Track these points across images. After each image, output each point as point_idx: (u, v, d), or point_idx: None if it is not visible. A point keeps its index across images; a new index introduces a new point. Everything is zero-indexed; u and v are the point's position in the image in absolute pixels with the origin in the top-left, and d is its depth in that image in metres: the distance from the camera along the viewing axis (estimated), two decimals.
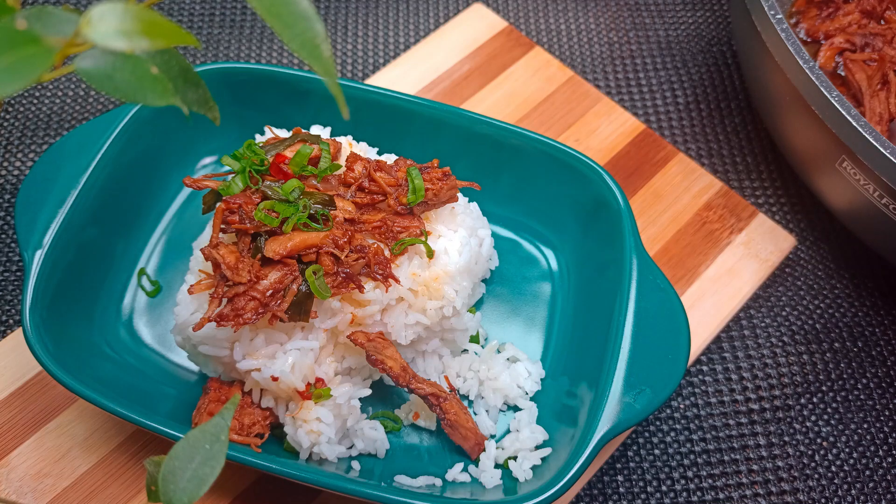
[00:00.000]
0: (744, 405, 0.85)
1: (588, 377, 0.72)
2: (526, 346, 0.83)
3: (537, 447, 0.74)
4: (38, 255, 0.71)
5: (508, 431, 0.77)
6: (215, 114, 0.44)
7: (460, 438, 0.73)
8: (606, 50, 1.12)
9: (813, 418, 0.85)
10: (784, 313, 0.91)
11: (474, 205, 0.82)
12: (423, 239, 0.73)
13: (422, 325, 0.74)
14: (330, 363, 0.72)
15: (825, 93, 0.75)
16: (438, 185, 0.73)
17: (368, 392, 0.75)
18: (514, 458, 0.74)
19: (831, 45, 0.95)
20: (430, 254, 0.73)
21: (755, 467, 0.81)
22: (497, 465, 0.74)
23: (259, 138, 0.80)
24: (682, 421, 0.84)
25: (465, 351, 0.81)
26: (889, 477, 0.82)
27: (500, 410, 0.78)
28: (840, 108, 0.74)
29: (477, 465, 0.74)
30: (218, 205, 0.69)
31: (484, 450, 0.74)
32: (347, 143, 0.79)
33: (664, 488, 0.80)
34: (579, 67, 1.10)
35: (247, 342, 0.69)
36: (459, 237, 0.76)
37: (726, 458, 0.82)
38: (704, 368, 0.87)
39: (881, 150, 0.72)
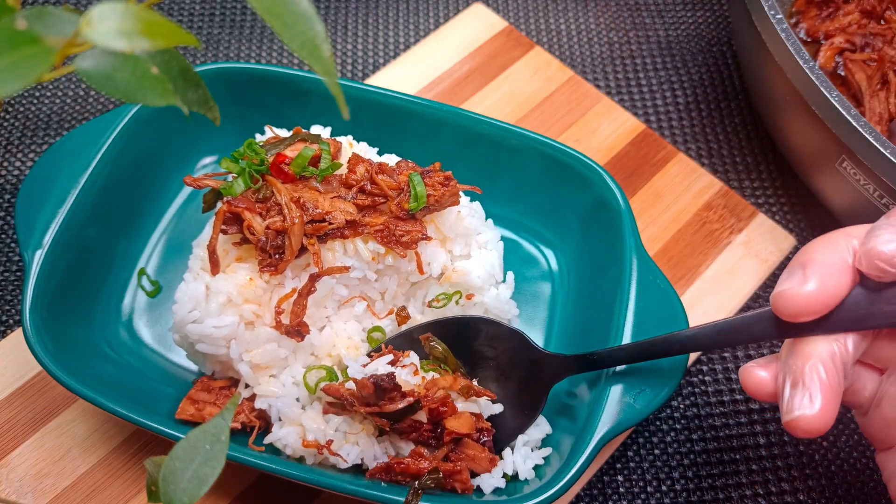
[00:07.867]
0: (744, 405, 0.85)
1: (588, 377, 0.72)
2: None
3: (538, 447, 0.74)
4: (38, 255, 0.71)
5: None
6: (215, 114, 0.44)
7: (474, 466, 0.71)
8: (606, 50, 1.12)
9: None
10: None
11: (476, 204, 0.82)
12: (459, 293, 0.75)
13: None
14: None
15: (825, 93, 0.75)
16: (441, 192, 0.72)
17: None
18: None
19: (831, 45, 0.95)
20: (469, 296, 0.76)
21: (755, 467, 0.81)
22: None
23: (259, 138, 0.79)
24: (682, 421, 0.84)
25: None
26: None
27: None
28: (840, 108, 0.74)
29: None
30: (219, 205, 0.69)
31: (497, 465, 0.71)
32: (348, 143, 0.79)
33: (664, 488, 0.80)
34: (579, 67, 1.09)
35: (243, 340, 0.69)
36: (485, 261, 0.77)
37: (726, 458, 0.82)
38: (704, 368, 0.87)
39: (881, 150, 0.72)
